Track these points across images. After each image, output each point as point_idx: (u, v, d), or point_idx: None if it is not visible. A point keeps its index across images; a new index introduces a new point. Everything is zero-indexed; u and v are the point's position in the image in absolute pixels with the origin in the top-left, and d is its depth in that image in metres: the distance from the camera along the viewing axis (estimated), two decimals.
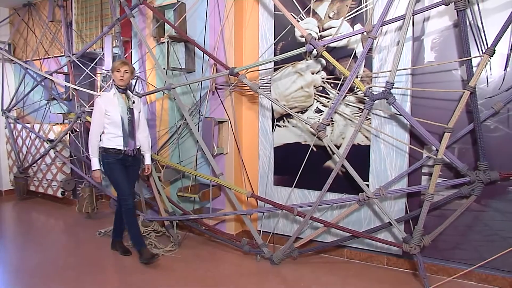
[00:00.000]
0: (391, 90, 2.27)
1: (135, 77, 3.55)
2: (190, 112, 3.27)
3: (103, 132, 2.78)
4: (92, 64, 3.88)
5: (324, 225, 2.67)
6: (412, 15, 2.24)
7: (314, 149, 2.84)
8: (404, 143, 2.53)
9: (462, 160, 2.34)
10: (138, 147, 2.90)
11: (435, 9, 2.37)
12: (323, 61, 2.79)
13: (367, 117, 2.60)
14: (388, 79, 2.28)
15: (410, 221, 2.57)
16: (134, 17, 3.31)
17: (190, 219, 3.13)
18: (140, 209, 3.40)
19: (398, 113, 2.36)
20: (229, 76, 2.92)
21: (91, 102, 4.02)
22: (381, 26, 2.31)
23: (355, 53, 2.63)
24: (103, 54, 3.76)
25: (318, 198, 2.59)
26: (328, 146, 2.53)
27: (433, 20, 2.48)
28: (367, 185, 2.61)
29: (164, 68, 3.18)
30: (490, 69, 2.31)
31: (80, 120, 3.80)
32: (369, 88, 2.39)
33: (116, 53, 3.70)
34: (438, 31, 2.47)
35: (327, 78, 2.78)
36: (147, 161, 3.02)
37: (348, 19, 2.68)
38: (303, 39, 2.71)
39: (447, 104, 2.44)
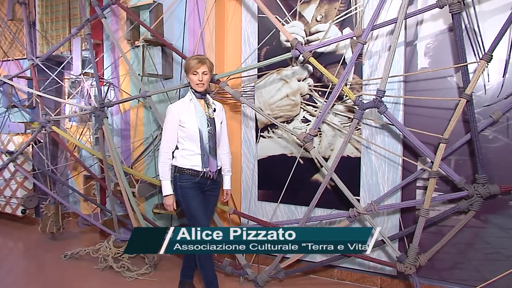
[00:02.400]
0: (383, 99, 2.25)
1: (106, 84, 3.44)
2: None
3: (176, 148, 2.32)
4: (59, 69, 3.73)
5: None
6: (405, 19, 2.22)
7: (301, 161, 2.76)
8: (397, 155, 2.49)
9: (459, 172, 2.30)
10: (219, 168, 2.41)
11: (428, 12, 2.34)
12: (310, 68, 2.75)
13: (357, 127, 2.57)
14: (379, 86, 2.26)
15: (405, 239, 2.52)
16: (105, 18, 3.21)
17: None
18: (112, 228, 3.29)
19: (390, 122, 2.32)
20: (209, 83, 2.76)
21: (58, 110, 3.84)
22: (371, 30, 2.29)
23: (344, 59, 2.61)
24: (71, 57, 3.61)
25: (305, 214, 2.53)
26: (316, 158, 2.49)
27: (427, 24, 2.46)
28: (358, 200, 2.56)
29: (139, 74, 3.09)
30: (488, 75, 2.29)
31: (45, 130, 3.61)
32: (359, 96, 2.38)
33: (86, 57, 3.60)
34: (432, 36, 2.45)
35: (315, 86, 2.75)
36: (226, 185, 2.51)
37: (336, 23, 2.65)
38: (288, 44, 2.65)
39: (442, 113, 2.40)
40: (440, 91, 2.42)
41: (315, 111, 2.75)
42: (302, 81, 2.80)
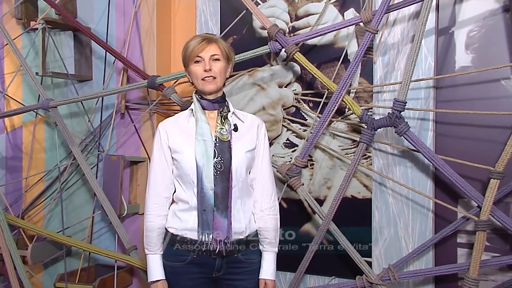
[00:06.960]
0: (403, 113, 2.03)
1: None
2: (83, 146, 2.91)
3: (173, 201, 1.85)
4: None
5: None
6: None
7: (284, 205, 2.55)
8: (425, 196, 2.24)
9: None
10: (245, 237, 1.81)
11: None
12: (297, 68, 2.56)
13: (365, 155, 2.39)
14: (397, 95, 2.04)
15: None
16: None
17: None
18: None
19: (414, 148, 2.08)
20: (149, 89, 2.63)
21: None
22: (386, 12, 2.02)
23: (347, 55, 2.40)
24: None
25: (291, 284, 2.35)
26: (306, 200, 2.31)
27: (469, 3, 2.25)
28: (369, 263, 2.33)
29: (36, 73, 2.79)
30: None
31: None
32: (368, 110, 2.27)
33: None
34: (477, 19, 2.22)
35: (303, 94, 2.58)
36: (266, 271, 1.83)
37: (334, 2, 2.46)
38: (265, 33, 2.46)
39: (493, 133, 2.18)
40: (490, 101, 2.20)
41: (304, 131, 2.55)
42: (285, 87, 2.62)
